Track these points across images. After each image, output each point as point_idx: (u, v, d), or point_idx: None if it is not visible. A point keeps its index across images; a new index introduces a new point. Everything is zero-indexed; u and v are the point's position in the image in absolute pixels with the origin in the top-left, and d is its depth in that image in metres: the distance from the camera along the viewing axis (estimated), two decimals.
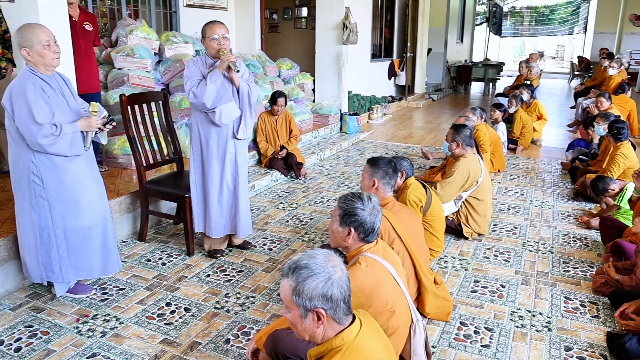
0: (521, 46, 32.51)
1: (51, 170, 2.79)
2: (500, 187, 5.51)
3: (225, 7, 7.94)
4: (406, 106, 11.62)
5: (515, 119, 7.22)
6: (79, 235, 2.94)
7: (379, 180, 3.00)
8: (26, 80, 2.69)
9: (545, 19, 29.40)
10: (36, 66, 2.74)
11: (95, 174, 3.05)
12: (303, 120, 7.15)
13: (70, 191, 2.86)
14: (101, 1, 6.40)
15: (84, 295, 3.13)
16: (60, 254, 2.92)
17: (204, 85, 3.25)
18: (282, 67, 7.84)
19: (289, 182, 5.61)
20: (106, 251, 3.09)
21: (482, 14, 23.04)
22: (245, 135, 3.53)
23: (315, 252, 1.67)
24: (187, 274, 3.46)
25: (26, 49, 2.69)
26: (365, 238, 2.30)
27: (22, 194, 2.84)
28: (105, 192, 3.12)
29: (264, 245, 3.93)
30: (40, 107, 2.66)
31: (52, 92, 2.77)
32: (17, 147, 2.78)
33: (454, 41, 16.63)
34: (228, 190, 3.56)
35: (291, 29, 10.42)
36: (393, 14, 11.26)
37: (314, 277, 1.58)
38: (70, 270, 2.97)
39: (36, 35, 2.68)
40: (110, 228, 3.12)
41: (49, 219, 2.85)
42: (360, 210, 2.26)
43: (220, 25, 3.35)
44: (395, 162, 3.10)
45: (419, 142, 7.74)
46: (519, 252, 3.88)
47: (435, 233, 3.62)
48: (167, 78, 5.75)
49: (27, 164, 2.77)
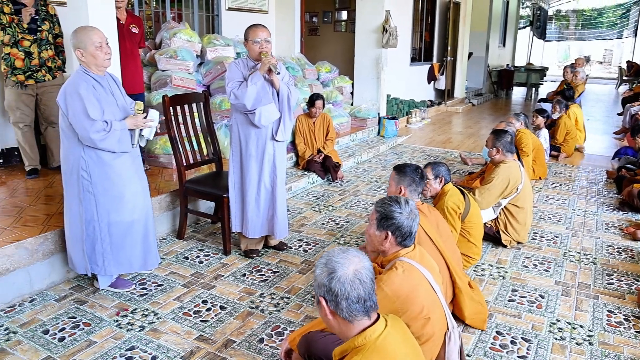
0: (566, 50, 31.65)
1: (98, 165, 2.91)
2: (541, 195, 5.37)
3: (266, 10, 8.04)
4: (445, 111, 11.48)
5: (559, 125, 7.03)
6: (122, 229, 3.04)
7: (405, 187, 2.97)
8: (79, 80, 2.83)
9: (592, 23, 28.53)
10: (89, 66, 2.87)
11: (140, 171, 3.15)
12: (341, 124, 7.16)
13: (115, 186, 2.97)
14: (147, 4, 6.59)
15: (124, 290, 3.23)
16: (104, 247, 3.03)
17: (245, 87, 3.30)
18: (321, 70, 7.88)
19: (326, 184, 5.63)
20: (147, 246, 3.18)
21: (526, 17, 22.55)
22: (284, 137, 3.56)
23: (347, 249, 1.71)
24: (224, 272, 3.52)
25: (80, 50, 2.83)
26: (403, 242, 2.29)
27: (71, 187, 2.97)
28: (148, 189, 3.22)
29: (300, 247, 3.96)
30: (92, 104, 2.79)
31: (103, 91, 2.89)
32: (69, 143, 2.91)
33: (496, 45, 16.33)
34: (266, 191, 3.60)
35: (331, 32, 10.45)
36: (434, 17, 11.15)
37: (322, 266, 1.66)
38: (112, 264, 3.08)
39: (89, 37, 2.83)
40: (152, 224, 3.22)
41: (94, 212, 2.96)
42: (397, 214, 2.25)
43: (262, 28, 3.40)
44: (421, 169, 3.06)
45: (458, 147, 7.63)
46: (559, 262, 3.77)
47: (473, 240, 3.57)
48: (208, 80, 5.86)
49: (77, 159, 2.90)
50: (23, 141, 4.45)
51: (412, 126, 9.23)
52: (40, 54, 4.29)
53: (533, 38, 21.87)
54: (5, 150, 4.82)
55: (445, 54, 11.62)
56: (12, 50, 4.18)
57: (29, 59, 4.24)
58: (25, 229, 3.30)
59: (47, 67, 4.36)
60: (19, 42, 4.19)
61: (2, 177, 4.51)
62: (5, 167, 4.81)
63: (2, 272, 3.00)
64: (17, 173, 4.62)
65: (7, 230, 3.29)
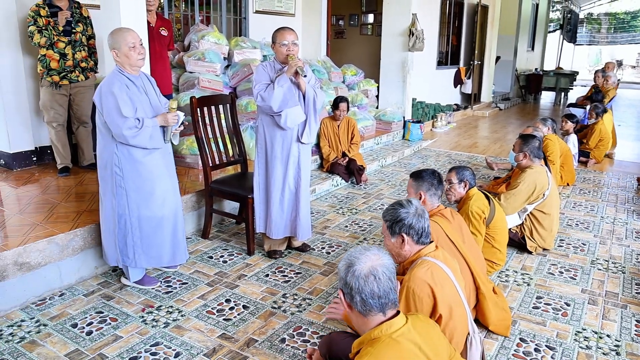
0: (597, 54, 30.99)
1: (130, 162, 3.02)
2: (568, 201, 5.28)
3: (292, 13, 8.10)
4: (472, 115, 11.37)
5: (594, 131, 6.89)
6: (152, 224, 3.15)
7: (425, 192, 2.97)
8: (114, 79, 2.96)
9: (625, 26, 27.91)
10: (123, 66, 3.00)
11: (171, 169, 3.25)
12: (366, 127, 7.16)
13: (146, 182, 3.08)
14: (176, 7, 6.71)
15: (150, 287, 3.30)
16: (135, 241, 3.14)
17: (272, 89, 3.34)
18: (347, 73, 7.89)
19: (350, 187, 5.63)
20: (175, 242, 3.28)
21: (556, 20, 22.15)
22: (309, 140, 3.59)
23: (373, 247, 1.79)
24: (247, 272, 3.56)
25: (115, 50, 2.97)
26: (420, 240, 2.30)
27: (106, 182, 3.09)
28: (178, 187, 3.32)
29: (322, 249, 3.98)
30: (125, 102, 2.91)
31: (136, 90, 3.01)
32: (104, 140, 3.04)
33: (525, 49, 16.09)
34: (290, 193, 3.63)
35: (357, 35, 10.46)
36: (461, 21, 11.06)
37: (344, 260, 1.74)
38: (142, 257, 3.18)
39: (123, 37, 2.96)
40: (181, 221, 3.31)
41: (126, 207, 3.08)
42: (404, 214, 2.28)
43: (290, 31, 3.44)
44: (438, 173, 3.06)
45: (484, 151, 7.56)
46: (586, 270, 3.70)
47: (498, 246, 3.53)
48: (235, 82, 5.94)
49: (110, 155, 3.02)
50: (56, 140, 4.59)
51: (437, 130, 9.17)
52: (74, 55, 4.42)
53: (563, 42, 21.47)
54: (39, 148, 4.97)
55: (472, 57, 11.51)
56: (48, 52, 4.31)
57: (63, 60, 4.37)
58: (57, 225, 3.40)
59: (80, 67, 4.48)
60: (54, 44, 4.32)
61: (35, 175, 4.65)
62: (39, 165, 4.95)
63: (34, 266, 3.10)
64: (50, 171, 4.76)
65: (39, 225, 3.39)
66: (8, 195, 4.10)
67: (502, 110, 12.43)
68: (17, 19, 4.59)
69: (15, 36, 4.61)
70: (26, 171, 4.78)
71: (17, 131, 4.76)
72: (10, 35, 4.58)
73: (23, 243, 3.09)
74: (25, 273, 3.07)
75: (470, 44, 11.58)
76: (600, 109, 7.06)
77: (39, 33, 4.24)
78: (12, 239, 3.17)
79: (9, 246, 3.04)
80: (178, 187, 3.34)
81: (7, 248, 3.01)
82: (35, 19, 4.24)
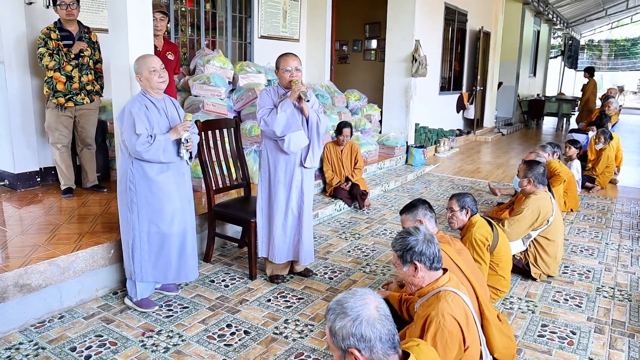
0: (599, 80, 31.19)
1: (144, 179, 3.14)
2: (572, 228, 5.25)
3: (297, 38, 8.20)
4: (474, 140, 11.40)
5: (602, 157, 6.88)
6: (159, 240, 3.23)
7: (423, 217, 2.98)
8: (135, 100, 3.14)
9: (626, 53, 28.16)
10: (146, 89, 3.19)
11: (183, 190, 3.31)
12: (369, 151, 7.18)
13: (156, 199, 3.17)
14: (182, 32, 6.81)
15: (149, 310, 3.27)
16: (142, 255, 3.21)
17: (275, 114, 3.36)
18: (350, 98, 7.95)
19: (353, 212, 5.62)
20: (182, 260, 3.33)
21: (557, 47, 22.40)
22: (312, 164, 3.60)
23: (354, 290, 1.63)
24: (249, 297, 3.53)
25: (138, 75, 3.16)
26: (433, 265, 2.28)
27: (122, 197, 3.21)
28: (189, 206, 3.38)
29: (325, 274, 3.95)
30: (141, 121, 3.05)
31: (156, 112, 3.16)
32: (122, 157, 3.19)
33: (527, 75, 16.24)
34: (293, 217, 3.62)
35: (360, 61, 10.57)
36: (463, 47, 11.18)
37: (343, 316, 1.55)
38: (149, 272, 3.25)
39: (145, 62, 3.14)
40: (190, 240, 3.37)
41: (137, 222, 3.17)
42: (414, 242, 2.26)
43: (294, 57, 3.48)
44: (425, 200, 3.09)
45: (487, 177, 7.55)
46: (592, 298, 3.66)
47: (502, 273, 3.50)
48: (239, 106, 5.98)
49: (126, 171, 3.15)
50: (60, 161, 4.61)
51: (440, 155, 9.19)
52: (80, 78, 4.47)
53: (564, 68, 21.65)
54: (43, 169, 4.98)
55: (474, 83, 11.60)
56: (55, 74, 4.37)
57: (70, 83, 4.42)
58: (58, 247, 3.39)
59: (86, 90, 4.53)
60: (62, 67, 4.37)
61: (39, 195, 4.66)
62: (42, 186, 4.96)
63: (34, 288, 3.08)
64: (53, 191, 4.77)
65: (41, 247, 3.38)
66: (11, 216, 4.10)
67: (504, 136, 12.47)
68: (27, 41, 4.66)
69: (25, 58, 4.67)
70: (30, 192, 4.79)
71: (22, 152, 4.78)
72: (20, 57, 4.64)
73: (24, 264, 3.08)
74: (25, 295, 3.05)
75: (473, 70, 11.68)
76: (608, 133, 7.07)
77: (49, 56, 4.31)
78: (14, 260, 3.16)
79: (10, 267, 3.03)
80: (192, 208, 3.43)
81: (8, 269, 3.00)
82: (46, 42, 4.31)
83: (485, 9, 11.70)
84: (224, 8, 7.14)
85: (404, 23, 7.87)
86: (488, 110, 12.61)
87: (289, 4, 8.03)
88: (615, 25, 25.02)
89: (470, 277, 2.75)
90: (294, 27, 8.20)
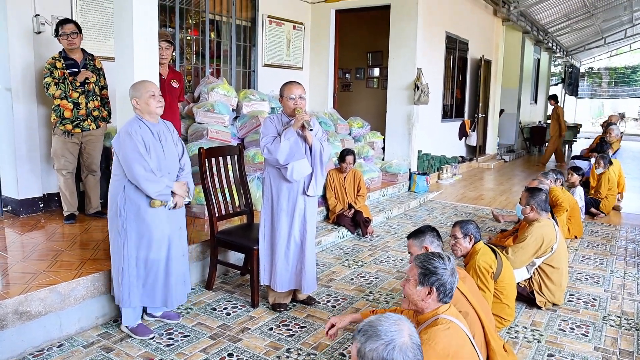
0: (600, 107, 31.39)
1: (133, 204, 3.15)
2: (577, 255, 5.21)
3: (300, 67, 8.31)
4: (477, 167, 11.42)
5: (603, 181, 6.92)
6: (147, 265, 3.22)
7: (429, 245, 2.96)
8: (131, 122, 3.17)
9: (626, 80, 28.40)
10: (142, 113, 3.19)
11: (173, 215, 3.31)
12: (372, 178, 7.19)
13: (145, 225, 3.18)
14: (187, 60, 6.91)
15: (146, 337, 3.24)
16: (130, 281, 3.19)
17: (278, 142, 3.38)
18: (353, 125, 8.00)
19: (356, 239, 5.60)
20: (169, 285, 3.30)
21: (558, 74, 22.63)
22: (315, 192, 3.60)
23: (387, 315, 1.62)
24: (251, 325, 3.49)
25: (136, 98, 3.17)
26: (444, 299, 2.25)
27: (112, 222, 3.21)
28: (180, 232, 3.37)
29: (328, 302, 3.91)
30: (139, 142, 3.08)
31: (151, 136, 3.18)
32: (115, 180, 3.19)
33: (528, 102, 16.36)
34: (295, 245, 3.61)
35: (363, 88, 10.67)
36: (465, 75, 11.30)
37: (376, 339, 1.52)
38: (137, 297, 3.23)
39: (145, 87, 3.18)
40: (179, 266, 3.35)
41: (126, 247, 3.16)
42: (442, 270, 2.22)
43: (297, 85, 3.52)
44: (432, 226, 3.07)
45: (490, 204, 7.54)
46: (598, 327, 3.61)
47: (506, 301, 3.46)
48: (242, 133, 6.02)
49: (117, 196, 3.16)
50: (64, 187, 4.63)
51: (443, 182, 9.19)
52: (87, 104, 4.54)
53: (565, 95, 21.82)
54: (47, 195, 5.00)
55: (476, 110, 11.68)
56: (62, 102, 4.44)
57: (76, 110, 4.48)
58: (59, 274, 3.37)
59: (92, 116, 4.59)
60: (68, 95, 4.44)
61: (42, 222, 4.66)
62: (45, 212, 4.97)
63: (34, 315, 3.06)
64: (56, 218, 4.77)
65: (42, 273, 3.37)
66: (13, 242, 4.09)
67: (507, 162, 12.49)
68: (35, 69, 4.73)
69: (32, 86, 4.75)
70: (33, 217, 4.79)
71: (27, 178, 4.81)
72: (27, 85, 4.72)
73: (25, 291, 3.06)
74: (25, 322, 3.02)
75: (474, 97, 11.77)
76: (607, 158, 7.13)
77: (55, 85, 4.37)
78: (14, 286, 3.14)
79: (10, 294, 3.01)
80: (183, 233, 3.41)
81: (8, 296, 2.98)
82: (52, 71, 4.38)
83: (485, 38, 11.86)
84: (229, 37, 7.26)
85: (406, 52, 7.98)
86: (490, 137, 12.66)
87: (292, 33, 8.17)
88: (614, 53, 25.32)
89: (476, 306, 2.72)
90: (298, 55, 8.32)
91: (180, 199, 3.28)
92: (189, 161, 3.46)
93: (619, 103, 28.81)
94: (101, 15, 5.28)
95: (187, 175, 3.40)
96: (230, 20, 7.19)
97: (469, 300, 2.70)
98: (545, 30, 15.54)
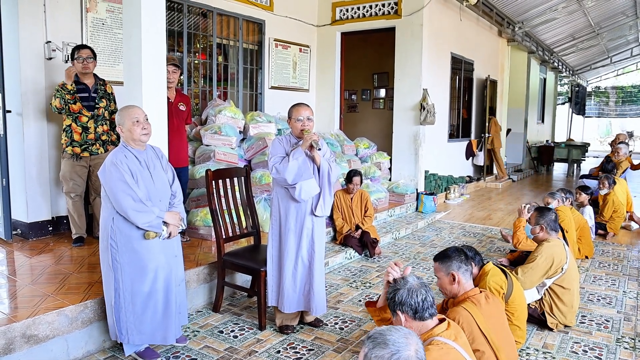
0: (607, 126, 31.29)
1: (125, 235, 3.02)
2: (588, 275, 5.14)
3: (307, 88, 8.38)
4: (484, 187, 11.37)
5: (607, 202, 6.84)
6: (143, 299, 3.08)
7: (456, 272, 2.87)
8: (116, 152, 3.04)
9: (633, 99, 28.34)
10: (127, 141, 3.08)
11: (167, 243, 3.18)
12: (379, 199, 7.18)
13: (139, 258, 3.05)
14: (195, 84, 6.99)
15: None
16: (127, 317, 3.06)
17: (287, 162, 3.40)
18: (360, 146, 8.02)
19: (363, 260, 5.57)
20: (168, 320, 3.17)
21: (565, 93, 22.64)
22: (323, 213, 3.60)
23: (399, 327, 1.67)
24: (258, 348, 3.46)
25: (120, 126, 3.06)
26: (418, 315, 2.24)
27: (104, 256, 3.09)
28: (175, 260, 3.25)
29: (336, 325, 3.87)
30: (126, 173, 2.96)
31: (137, 164, 3.05)
32: (104, 213, 3.07)
33: (535, 121, 16.36)
34: (303, 266, 3.59)
35: (369, 109, 10.72)
36: (471, 95, 11.34)
37: (383, 347, 1.58)
38: (135, 333, 3.09)
39: (128, 113, 3.06)
40: (176, 296, 3.22)
41: (120, 281, 3.04)
42: (393, 291, 2.28)
43: (306, 107, 3.55)
44: (461, 248, 2.97)
45: (498, 224, 7.48)
46: (612, 349, 3.54)
47: (517, 322, 3.40)
48: (249, 155, 6.06)
49: (107, 228, 3.03)
50: (73, 210, 4.65)
51: (450, 202, 9.15)
52: (96, 129, 4.59)
53: (572, 114, 21.80)
54: (56, 218, 5.03)
55: (483, 130, 11.68)
56: (72, 125, 4.50)
57: (85, 133, 4.54)
58: (67, 297, 3.37)
59: (101, 140, 4.64)
60: (77, 118, 4.50)
61: (50, 245, 4.68)
62: (54, 235, 4.99)
63: (41, 339, 3.05)
64: (64, 240, 4.79)
65: (50, 297, 3.37)
66: (22, 265, 4.11)
67: (515, 182, 12.43)
68: (46, 95, 4.81)
69: (43, 110, 4.82)
70: (41, 241, 4.82)
71: (36, 201, 4.85)
72: (38, 110, 4.79)
73: (32, 315, 3.06)
74: (32, 346, 3.01)
75: (481, 117, 11.79)
76: (611, 179, 7.06)
77: (58, 99, 4.41)
78: (22, 310, 3.14)
79: (18, 318, 3.01)
80: (180, 262, 3.30)
81: (16, 320, 2.98)
82: (62, 95, 4.43)
83: (491, 58, 11.93)
84: (236, 60, 7.35)
85: (412, 73, 8.04)
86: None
87: (298, 56, 8.26)
88: (621, 72, 25.34)
89: (495, 344, 2.63)
90: (304, 77, 8.40)
91: (175, 228, 3.16)
92: (179, 187, 3.34)
93: (627, 122, 28.72)
94: (111, 41, 5.38)
95: (178, 204, 3.28)
96: (238, 44, 7.29)
97: (487, 339, 2.63)
98: (550, 50, 15.61)
